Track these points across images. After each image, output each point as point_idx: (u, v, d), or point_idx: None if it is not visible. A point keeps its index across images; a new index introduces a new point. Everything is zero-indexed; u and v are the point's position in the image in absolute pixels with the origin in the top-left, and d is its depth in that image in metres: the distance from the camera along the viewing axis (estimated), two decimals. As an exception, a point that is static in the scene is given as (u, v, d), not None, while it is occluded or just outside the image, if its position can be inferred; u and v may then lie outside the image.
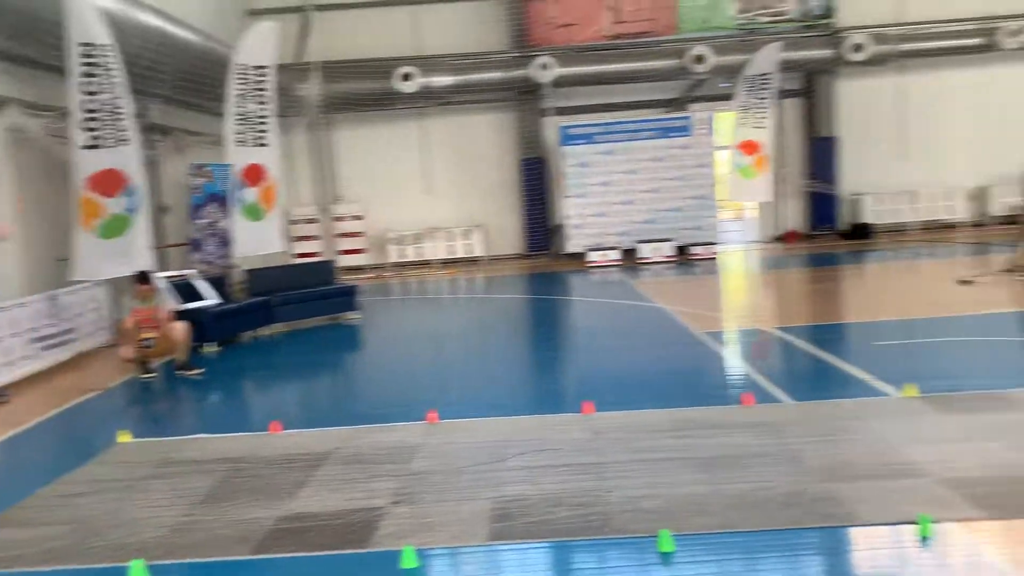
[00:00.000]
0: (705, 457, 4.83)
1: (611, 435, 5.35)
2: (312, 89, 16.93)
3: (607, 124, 17.22)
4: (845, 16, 17.68)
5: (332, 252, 16.99)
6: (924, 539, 3.71)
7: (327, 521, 4.30)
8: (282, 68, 13.24)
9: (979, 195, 18.31)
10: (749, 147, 15.97)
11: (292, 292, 10.89)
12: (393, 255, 17.99)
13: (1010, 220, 15.44)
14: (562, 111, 17.73)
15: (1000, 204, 17.56)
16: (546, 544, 3.92)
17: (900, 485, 4.25)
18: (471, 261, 18.09)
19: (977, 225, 18.06)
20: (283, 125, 14.30)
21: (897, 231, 18.04)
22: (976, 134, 18.18)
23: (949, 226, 18.10)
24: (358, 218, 17.96)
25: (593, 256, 16.49)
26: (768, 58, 15.37)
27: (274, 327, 10.70)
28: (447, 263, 17.99)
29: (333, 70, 17.08)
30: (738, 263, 15.90)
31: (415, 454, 5.26)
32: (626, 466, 4.77)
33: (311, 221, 17.73)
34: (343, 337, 10.48)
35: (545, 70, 16.81)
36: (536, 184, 18.21)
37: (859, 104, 18.26)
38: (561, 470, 4.78)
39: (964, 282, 10.92)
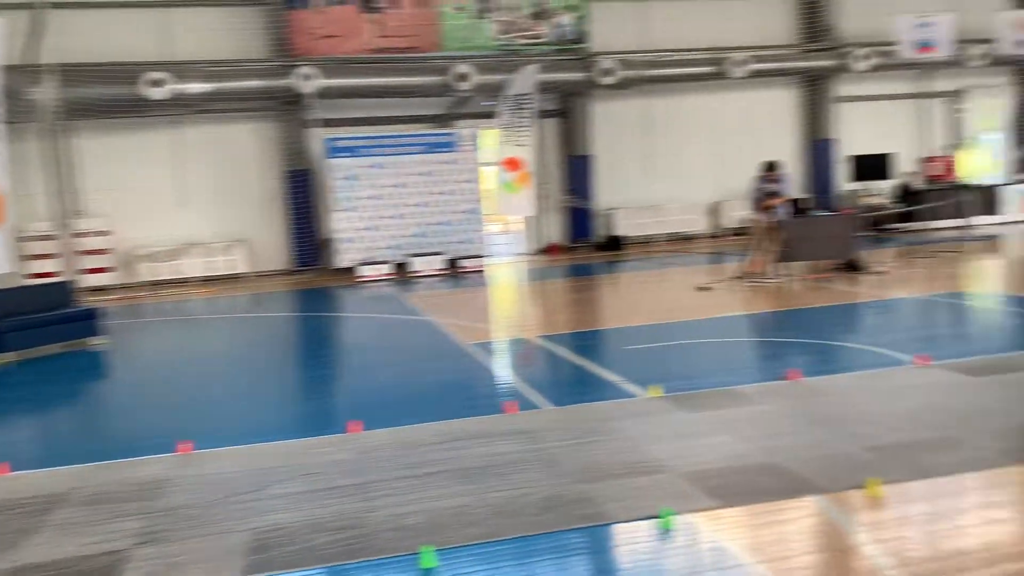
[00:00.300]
0: (469, 468, 4.90)
1: (377, 453, 5.29)
2: (47, 93, 15.42)
3: (374, 137, 17.15)
4: (596, 42, 18.82)
5: (73, 271, 15.53)
6: (666, 531, 3.99)
7: (61, 571, 3.89)
8: (10, 69, 11.93)
9: (715, 209, 20.17)
10: (512, 164, 16.54)
11: (22, 317, 9.80)
12: (145, 273, 16.78)
13: (740, 231, 17.13)
14: (329, 123, 17.41)
15: (732, 217, 19.44)
16: (305, 572, 3.79)
17: (646, 481, 4.55)
18: (233, 278, 17.27)
19: (713, 236, 19.88)
20: (13, 132, 12.89)
21: (646, 243, 19.45)
22: (711, 154, 20.04)
23: (690, 237, 19.79)
24: (103, 234, 16.56)
25: (364, 271, 16.31)
26: (527, 79, 16.02)
27: (2, 356, 9.58)
28: (207, 281, 17.05)
29: (72, 73, 15.66)
30: (505, 275, 16.39)
31: (165, 489, 4.90)
32: (391, 484, 4.74)
33: (47, 238, 16.11)
34: (85, 364, 9.59)
35: (308, 81, 16.45)
36: (302, 197, 17.74)
37: (611, 124, 19.51)
38: (324, 494, 4.66)
39: (702, 288, 11.96)
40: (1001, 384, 6.07)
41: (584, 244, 19.28)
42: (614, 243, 18.94)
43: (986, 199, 18.73)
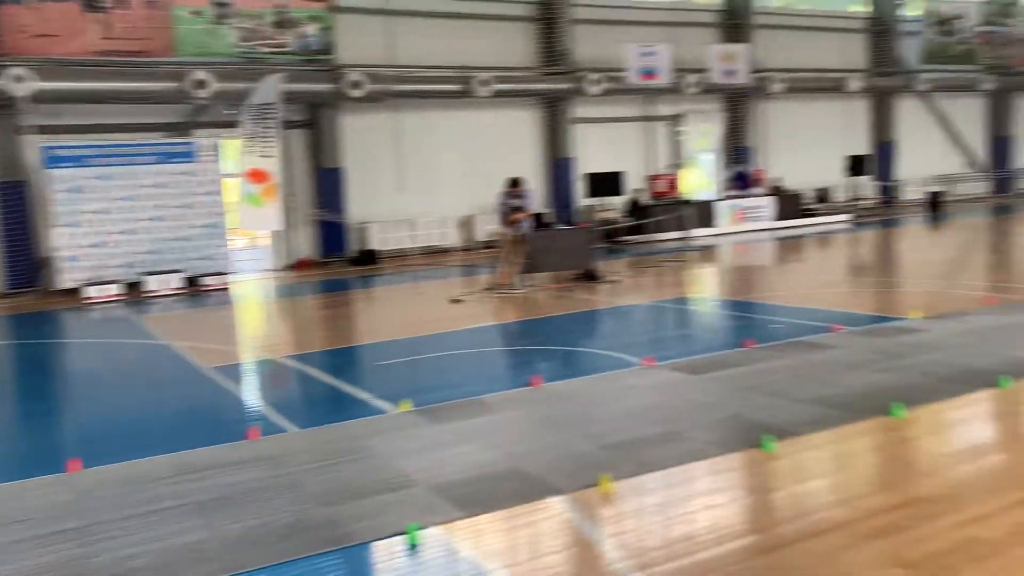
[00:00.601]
0: (206, 500, 4.61)
1: (100, 493, 4.83)
2: None
3: (102, 146, 15.77)
4: (343, 54, 18.63)
5: None
6: (413, 547, 3.99)
7: None
8: None
9: (467, 223, 20.67)
10: (257, 175, 15.88)
11: None
12: None
13: (490, 244, 17.68)
14: (47, 130, 15.77)
15: (483, 231, 20.02)
16: (11, 635, 3.37)
17: (394, 498, 4.52)
18: (-70, 303, 15.10)
19: (466, 249, 20.34)
20: None
21: (400, 256, 19.51)
22: (461, 169, 20.51)
23: (443, 251, 20.12)
24: None
25: (91, 292, 14.90)
26: (271, 88, 15.49)
27: None
28: None
29: None
30: (252, 293, 15.73)
31: None
32: (115, 525, 4.33)
33: None
34: None
35: (20, 83, 14.79)
36: (16, 211, 15.88)
37: (362, 137, 19.38)
38: (36, 542, 4.17)
39: (455, 301, 12.18)
40: (716, 380, 6.71)
41: (337, 259, 18.96)
42: (368, 257, 18.80)
43: (703, 213, 20.74)
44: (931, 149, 28.05)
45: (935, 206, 24.81)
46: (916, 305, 9.25)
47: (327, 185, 18.98)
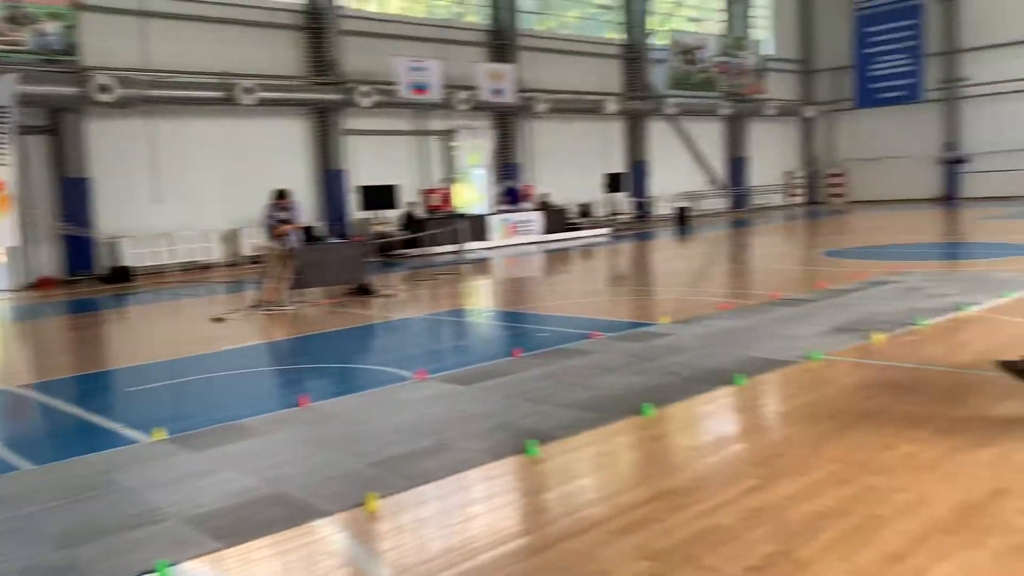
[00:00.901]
0: (-87, 556, 4.02)
1: None
2: None
3: None
4: (90, 56, 17.20)
5: None
6: (163, 585, 3.71)
7: None
8: None
9: (231, 237, 19.75)
10: (-13, 185, 14.30)
11: None
12: None
13: (257, 259, 17.00)
14: None
15: (249, 245, 19.22)
16: None
17: (143, 534, 4.18)
18: None
19: (231, 265, 19.42)
20: None
21: (157, 273, 18.26)
22: (225, 180, 19.59)
23: (206, 266, 19.07)
24: None
25: None
26: (3, 90, 14.01)
27: None
28: None
29: None
30: (-18, 316, 14.05)
31: None
32: None
33: None
34: None
35: None
36: None
37: (112, 145, 17.98)
38: None
39: (217, 319, 11.56)
40: (485, 390, 6.84)
41: (85, 276, 17.42)
42: (121, 274, 17.43)
43: (476, 227, 21.22)
44: (678, 168, 30.61)
45: (682, 220, 27.05)
46: (665, 311, 9.99)
47: (72, 196, 17.43)
